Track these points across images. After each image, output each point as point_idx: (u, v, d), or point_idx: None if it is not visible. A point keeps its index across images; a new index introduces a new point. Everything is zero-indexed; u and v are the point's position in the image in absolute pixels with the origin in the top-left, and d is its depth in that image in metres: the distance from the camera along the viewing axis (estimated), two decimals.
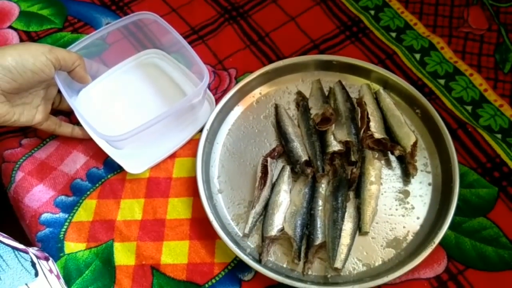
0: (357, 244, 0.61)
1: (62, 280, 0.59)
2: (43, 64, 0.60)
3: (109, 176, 0.68)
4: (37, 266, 0.53)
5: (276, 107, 0.71)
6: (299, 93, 0.72)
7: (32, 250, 0.56)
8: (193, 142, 0.69)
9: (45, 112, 0.66)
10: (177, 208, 0.65)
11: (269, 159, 0.65)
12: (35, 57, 0.59)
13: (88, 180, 0.68)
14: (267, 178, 0.64)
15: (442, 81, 0.73)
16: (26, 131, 0.72)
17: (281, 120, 0.69)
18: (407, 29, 0.78)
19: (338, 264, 0.58)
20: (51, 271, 0.57)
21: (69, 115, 0.72)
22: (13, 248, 0.52)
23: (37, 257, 0.55)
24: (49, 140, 0.71)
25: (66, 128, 0.69)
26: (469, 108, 0.71)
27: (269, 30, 0.79)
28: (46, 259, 0.58)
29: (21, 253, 0.52)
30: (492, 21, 0.78)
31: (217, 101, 0.71)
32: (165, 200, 0.66)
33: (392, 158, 0.67)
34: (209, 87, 0.73)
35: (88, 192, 0.67)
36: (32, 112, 0.64)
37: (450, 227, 0.59)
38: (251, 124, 0.71)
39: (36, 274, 0.52)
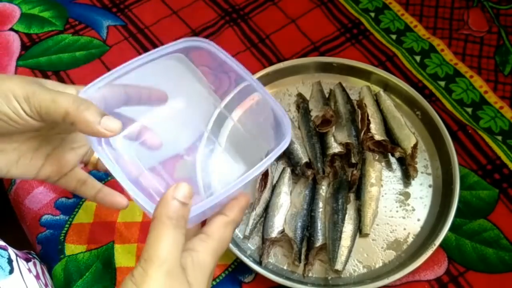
0: (357, 246, 0.61)
1: (43, 281, 0.56)
2: (14, 113, 0.42)
3: (109, 178, 0.68)
4: (14, 263, 0.49)
5: None
6: (300, 95, 0.72)
7: (13, 250, 0.53)
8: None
9: (58, 165, 0.49)
10: None
11: None
12: (5, 99, 0.41)
13: None
14: (268, 180, 0.64)
15: (442, 83, 0.73)
16: None
17: None
18: (407, 31, 0.78)
19: (338, 266, 0.58)
20: (29, 270, 0.55)
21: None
22: None
23: (17, 256, 0.52)
24: None
25: (90, 190, 0.52)
26: (469, 110, 0.71)
27: (270, 32, 0.79)
28: (27, 260, 0.56)
29: None
30: (492, 23, 0.78)
31: None
32: None
33: (393, 160, 0.67)
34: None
35: None
36: (32, 163, 0.47)
37: (450, 229, 0.59)
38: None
39: (11, 272, 0.48)
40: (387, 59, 0.75)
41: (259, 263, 0.59)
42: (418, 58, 0.75)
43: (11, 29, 0.81)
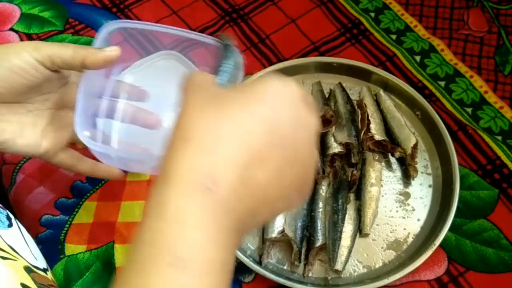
0: (357, 246, 0.61)
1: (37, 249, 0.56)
2: (25, 62, 0.47)
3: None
4: (13, 221, 0.50)
5: None
6: None
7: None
8: None
9: (54, 140, 0.53)
10: None
11: None
12: (16, 54, 0.47)
13: (88, 182, 0.68)
14: None
15: (442, 83, 0.73)
16: None
17: None
18: (407, 31, 0.78)
19: (338, 266, 0.58)
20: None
21: None
22: None
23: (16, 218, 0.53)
24: None
25: (86, 164, 0.56)
26: (469, 110, 0.71)
27: (270, 32, 0.79)
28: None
29: None
30: (492, 23, 0.78)
31: None
32: None
33: (393, 160, 0.67)
34: None
35: (88, 194, 0.67)
36: (34, 135, 0.51)
37: (450, 229, 0.59)
38: None
39: (10, 226, 0.49)
40: (387, 59, 0.75)
41: (259, 263, 0.59)
42: (418, 58, 0.75)
43: (11, 29, 0.81)
